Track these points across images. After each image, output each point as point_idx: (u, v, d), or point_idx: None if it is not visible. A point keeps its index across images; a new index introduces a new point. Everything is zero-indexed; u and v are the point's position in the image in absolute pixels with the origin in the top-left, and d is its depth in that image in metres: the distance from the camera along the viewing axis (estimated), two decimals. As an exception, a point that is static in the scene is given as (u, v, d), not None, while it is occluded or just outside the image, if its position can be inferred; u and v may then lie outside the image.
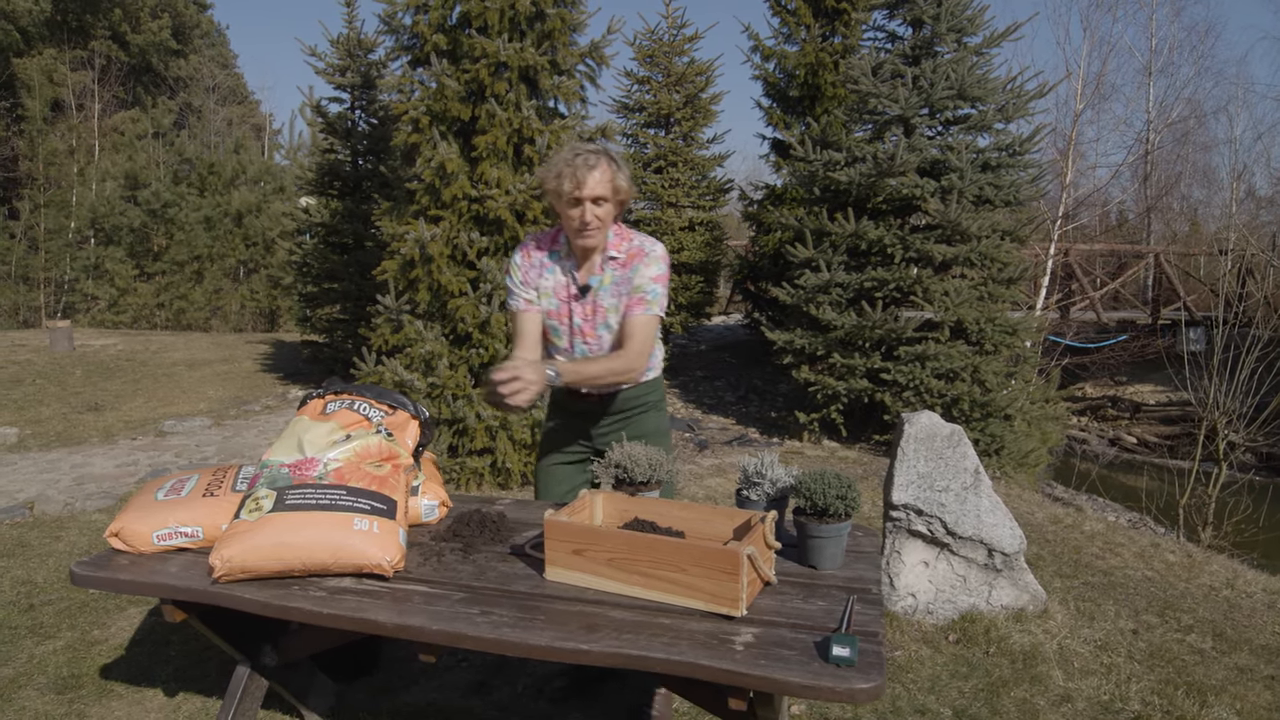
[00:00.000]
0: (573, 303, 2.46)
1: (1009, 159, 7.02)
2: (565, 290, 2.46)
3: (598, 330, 2.47)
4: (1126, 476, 11.87)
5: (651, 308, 2.38)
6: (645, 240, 2.44)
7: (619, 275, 2.41)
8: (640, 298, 2.38)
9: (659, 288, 2.40)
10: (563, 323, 2.50)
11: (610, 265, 2.42)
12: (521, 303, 2.50)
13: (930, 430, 3.66)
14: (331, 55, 8.81)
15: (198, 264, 17.72)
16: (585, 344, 2.50)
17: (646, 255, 2.40)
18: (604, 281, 2.43)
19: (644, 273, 2.38)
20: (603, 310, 2.44)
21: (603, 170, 2.28)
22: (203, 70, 27.35)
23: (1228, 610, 4.31)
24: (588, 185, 2.27)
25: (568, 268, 2.46)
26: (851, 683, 1.53)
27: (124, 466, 6.01)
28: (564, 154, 2.32)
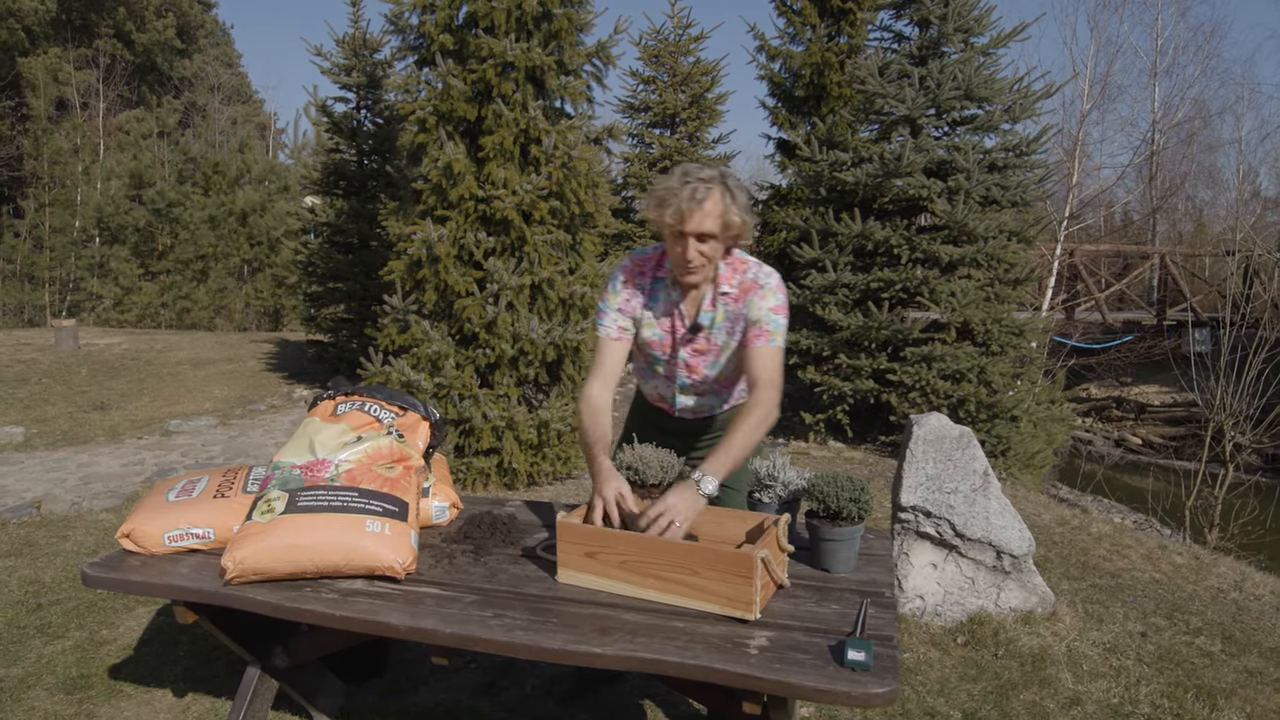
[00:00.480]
0: (680, 339, 2.30)
1: (1016, 159, 7.01)
2: (670, 323, 2.29)
3: (705, 369, 2.33)
4: (1131, 477, 11.84)
5: (775, 339, 2.20)
6: (759, 271, 2.24)
7: (732, 310, 2.24)
8: (762, 329, 2.19)
9: (780, 319, 2.22)
10: (665, 353, 2.34)
11: (723, 300, 2.23)
12: (614, 330, 2.31)
13: (939, 432, 3.65)
14: (337, 55, 8.81)
15: (202, 263, 17.75)
16: (690, 378, 2.36)
17: (762, 288, 2.21)
18: (716, 319, 2.25)
19: (761, 305, 2.20)
20: (717, 348, 2.29)
21: (713, 203, 2.05)
22: (207, 70, 27.39)
23: (1236, 613, 4.30)
24: (693, 220, 2.05)
25: (674, 298, 2.27)
26: (867, 687, 1.52)
27: (130, 466, 6.01)
28: (673, 179, 2.09)
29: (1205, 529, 7.91)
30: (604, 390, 2.27)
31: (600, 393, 2.26)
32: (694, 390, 2.39)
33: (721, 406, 2.46)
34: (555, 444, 5.37)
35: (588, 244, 5.65)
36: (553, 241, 5.30)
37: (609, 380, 2.29)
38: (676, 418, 2.45)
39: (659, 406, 2.50)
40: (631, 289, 2.31)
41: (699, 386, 2.37)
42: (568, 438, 5.40)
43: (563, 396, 5.43)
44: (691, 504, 1.93)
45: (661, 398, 2.47)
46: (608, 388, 2.28)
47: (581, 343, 5.32)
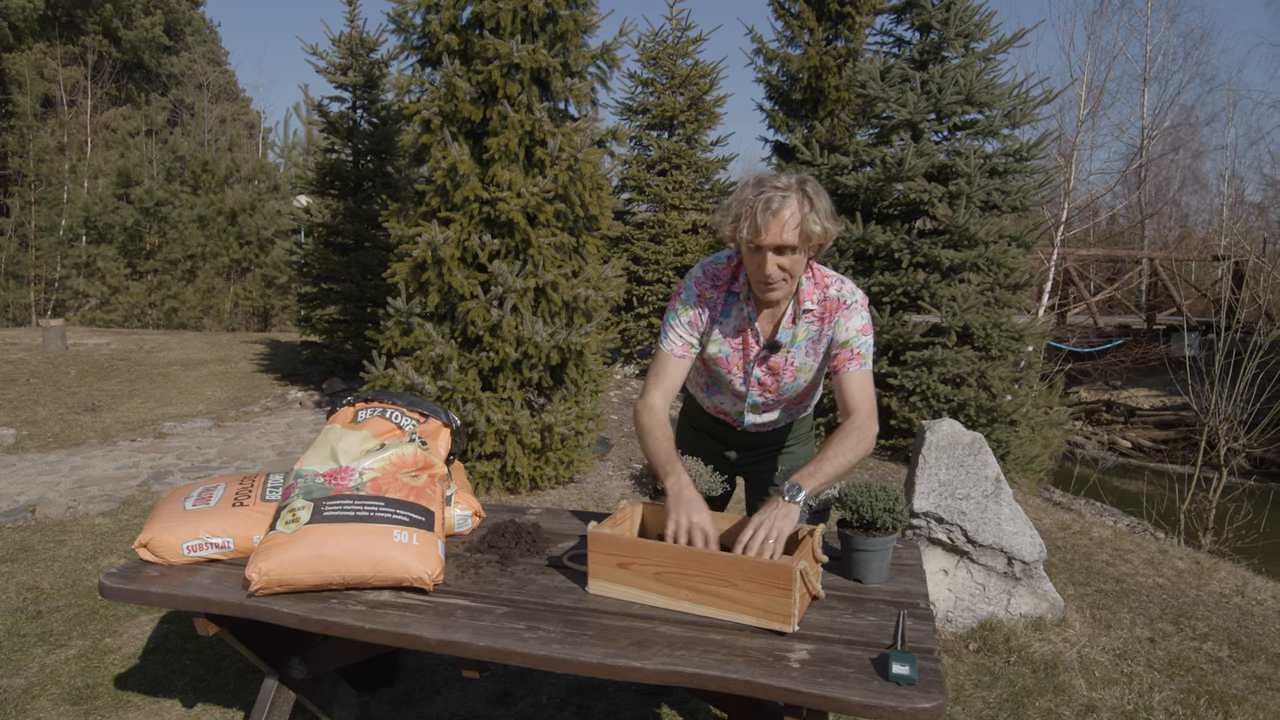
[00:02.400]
0: (755, 358, 2.19)
1: (1016, 165, 7.03)
2: (743, 339, 2.18)
3: (782, 389, 2.23)
4: (1122, 481, 11.92)
5: (866, 363, 2.11)
6: (843, 288, 2.13)
7: (814, 330, 2.13)
8: (854, 353, 2.10)
9: (869, 340, 2.12)
10: (736, 373, 2.23)
11: (805, 319, 2.12)
12: (679, 347, 2.19)
13: (952, 438, 3.64)
14: (333, 54, 8.74)
15: (191, 263, 17.59)
16: (763, 396, 2.26)
17: (848, 306, 2.11)
18: (796, 337, 2.14)
19: (849, 325, 2.10)
20: (793, 369, 2.19)
21: (791, 212, 1.91)
22: (195, 67, 27.18)
23: (1240, 618, 4.31)
24: (770, 233, 1.92)
25: (748, 313, 2.14)
26: (914, 702, 1.50)
27: (125, 469, 5.93)
28: (747, 189, 1.98)
29: (1200, 533, 7.97)
30: (665, 403, 2.17)
31: (663, 405, 2.16)
32: (764, 408, 2.30)
33: (788, 420, 2.40)
34: (558, 448, 5.34)
35: (591, 247, 5.62)
36: (557, 244, 5.26)
37: (670, 394, 2.18)
38: (739, 431, 2.38)
39: (718, 418, 2.42)
40: (702, 304, 2.17)
41: (770, 405, 2.28)
42: (571, 442, 5.37)
43: (566, 400, 5.39)
44: (787, 516, 1.85)
45: (725, 413, 2.39)
46: (668, 401, 2.18)
47: (585, 346, 5.29)
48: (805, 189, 1.95)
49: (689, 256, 9.45)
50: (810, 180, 2.00)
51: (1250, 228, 21.09)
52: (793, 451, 2.45)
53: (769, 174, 2.00)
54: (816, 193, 1.97)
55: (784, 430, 2.43)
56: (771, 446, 2.42)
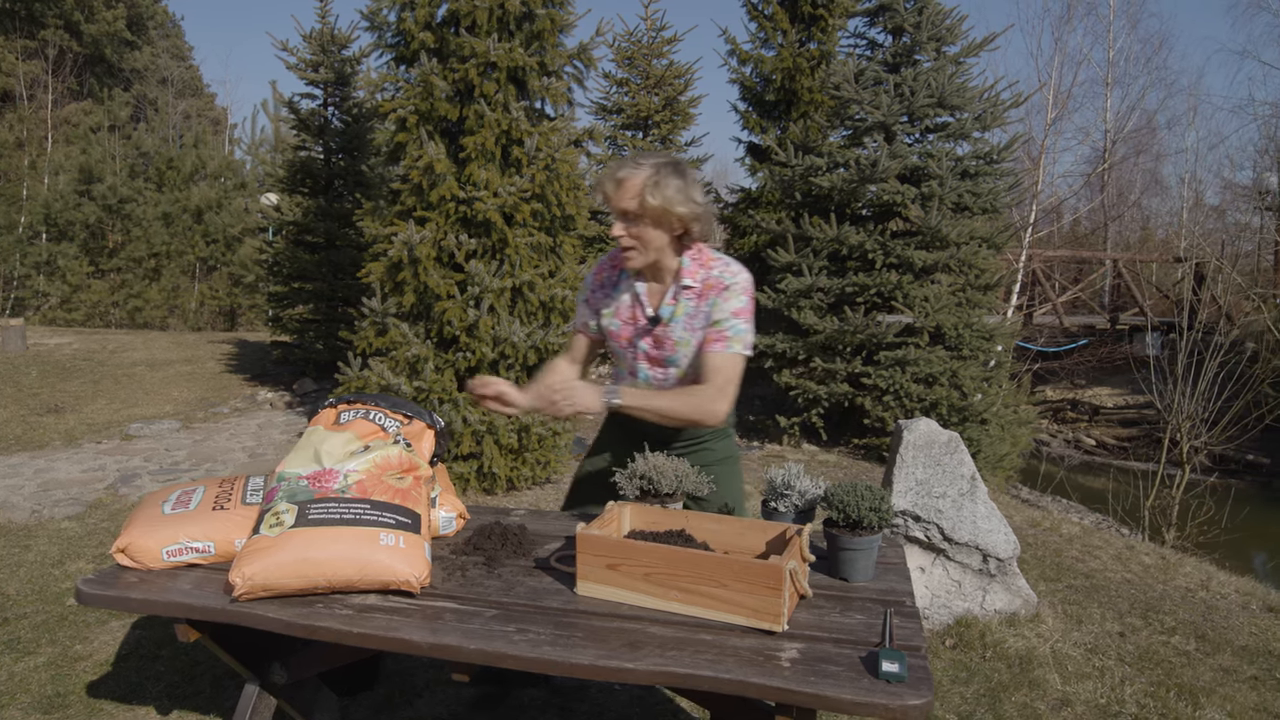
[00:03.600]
0: (639, 331, 2.30)
1: (986, 167, 7.13)
2: (632, 314, 2.31)
3: (665, 364, 2.31)
4: (1086, 478, 12.15)
5: (733, 345, 2.17)
6: (726, 269, 2.21)
7: (693, 307, 2.22)
8: (720, 334, 2.17)
9: (741, 323, 2.18)
10: (626, 348, 2.34)
11: (684, 295, 2.22)
12: (579, 323, 2.42)
13: (929, 437, 3.69)
14: (304, 50, 8.62)
15: (155, 261, 17.25)
16: (652, 370, 2.34)
17: (727, 288, 2.18)
18: (676, 313, 2.23)
19: (724, 306, 2.18)
20: (672, 342, 2.26)
21: (633, 182, 2.09)
22: (158, 62, 26.66)
23: (1206, 612, 4.42)
24: (614, 198, 2.13)
25: (637, 289, 2.28)
26: (904, 699, 1.52)
27: (91, 471, 5.81)
28: (618, 161, 2.20)
29: (1163, 529, 8.15)
30: (569, 365, 2.42)
31: (563, 363, 2.42)
32: (656, 383, 2.37)
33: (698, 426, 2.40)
34: (535, 448, 5.32)
35: (567, 247, 5.61)
36: (534, 244, 5.25)
37: (575, 361, 2.43)
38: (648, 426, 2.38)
39: None
40: (599, 282, 2.39)
41: (661, 385, 2.35)
42: (548, 442, 5.35)
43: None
44: (589, 399, 2.11)
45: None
46: (570, 364, 2.43)
47: (563, 346, 5.27)
48: (661, 167, 2.11)
49: (664, 256, 9.46)
50: (677, 164, 2.15)
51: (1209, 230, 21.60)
52: (710, 447, 2.45)
53: (647, 153, 2.20)
54: (674, 174, 2.11)
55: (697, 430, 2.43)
56: (692, 440, 2.42)
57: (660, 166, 2.12)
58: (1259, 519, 9.86)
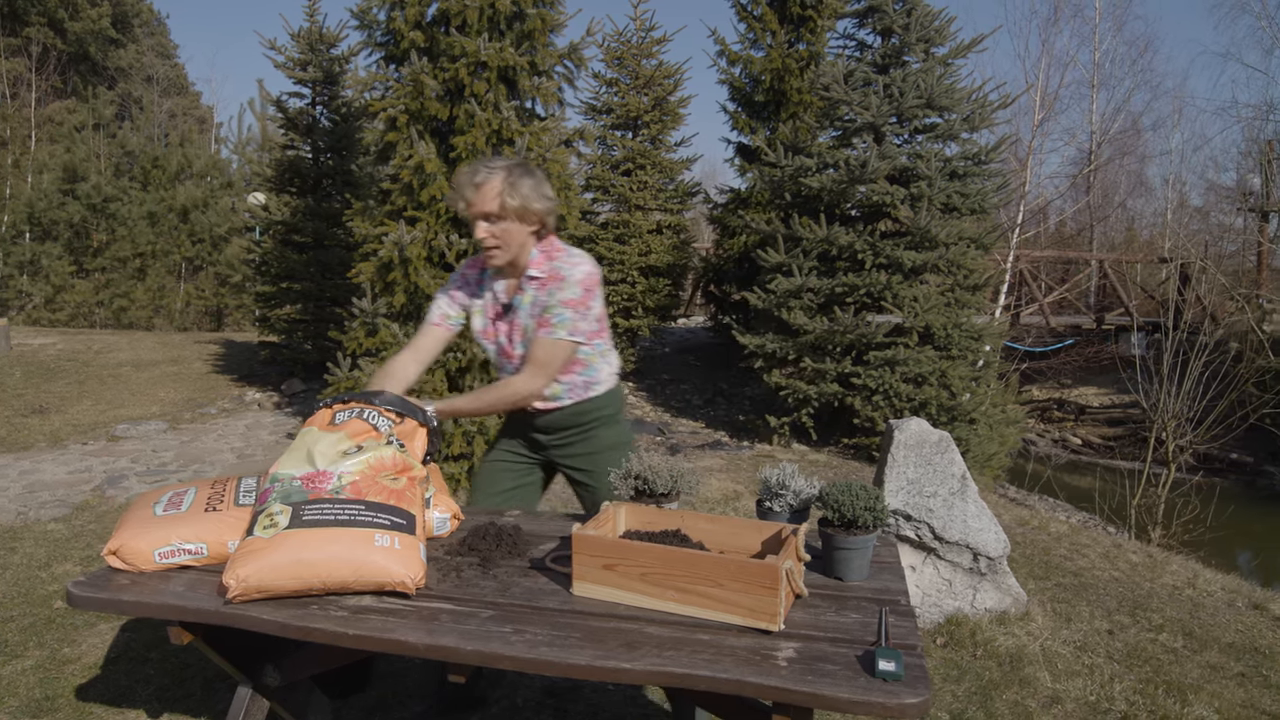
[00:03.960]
0: (498, 322, 2.45)
1: (975, 168, 7.17)
2: (493, 308, 2.45)
3: (517, 350, 2.44)
4: (1072, 476, 12.24)
5: (556, 331, 2.33)
6: (567, 262, 2.35)
7: (537, 297, 2.36)
8: (546, 320, 2.33)
9: (568, 313, 2.33)
10: (491, 341, 2.48)
11: (530, 285, 2.37)
12: (436, 315, 2.48)
13: (920, 437, 3.71)
14: (292, 49, 8.58)
15: (140, 261, 17.10)
16: (511, 364, 2.46)
17: (563, 280, 2.33)
18: (524, 302, 2.39)
19: (557, 296, 2.32)
20: (520, 329, 2.41)
21: (492, 185, 2.23)
22: (143, 60, 26.45)
23: (1192, 609, 4.46)
24: (475, 202, 2.25)
25: (495, 285, 2.44)
26: (901, 697, 1.53)
27: (77, 473, 5.76)
28: (468, 169, 2.30)
29: (1149, 527, 8.22)
30: (409, 360, 2.41)
31: (403, 361, 2.41)
32: None
33: (565, 396, 2.48)
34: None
35: (558, 247, 5.59)
36: (524, 244, 5.23)
37: (418, 355, 2.43)
38: (531, 413, 2.52)
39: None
40: (464, 280, 2.48)
41: (488, 386, 2.45)
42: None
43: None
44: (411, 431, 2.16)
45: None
46: (414, 360, 2.41)
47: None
48: (513, 169, 2.26)
49: (653, 257, 9.48)
50: (525, 165, 2.32)
51: (1193, 231, 21.80)
52: (596, 434, 2.55)
53: (495, 158, 2.31)
54: (525, 174, 2.28)
55: (577, 412, 2.52)
56: (572, 428, 2.54)
57: (511, 168, 2.27)
58: (1243, 517, 9.96)
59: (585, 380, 2.51)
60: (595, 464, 2.57)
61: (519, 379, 2.36)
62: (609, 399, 2.58)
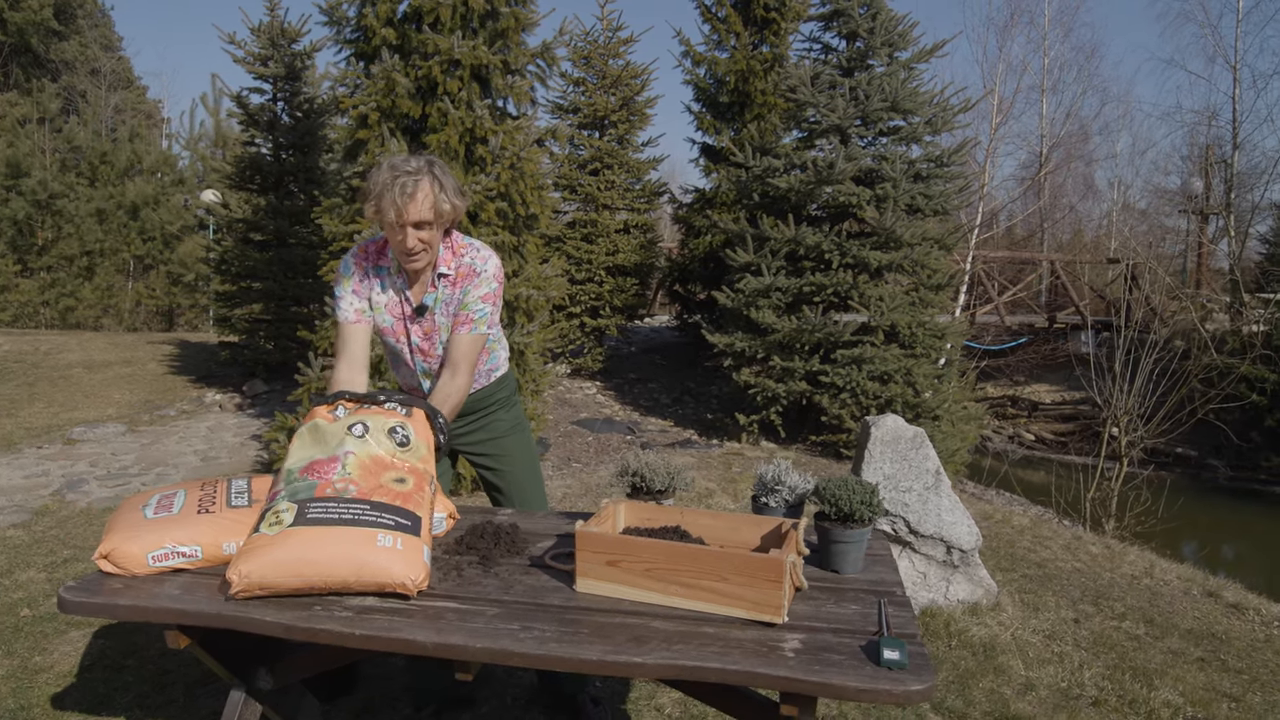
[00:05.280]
0: (409, 322, 2.40)
1: (937, 170, 7.32)
2: (399, 308, 2.40)
3: (437, 349, 2.42)
4: (1026, 472, 12.55)
5: (478, 327, 2.35)
6: (478, 257, 2.35)
7: (449, 294, 2.36)
8: (467, 317, 2.34)
9: (487, 307, 2.35)
10: (400, 342, 2.44)
11: (442, 282, 2.35)
12: (351, 313, 2.38)
13: (895, 433, 3.79)
14: (252, 44, 8.41)
15: (88, 259, 16.61)
16: (426, 362, 2.46)
17: (478, 275, 2.33)
18: (438, 299, 2.37)
19: (473, 293, 2.33)
20: (439, 328, 2.39)
21: (424, 193, 2.16)
22: (88, 52, 25.66)
23: (1151, 598, 4.63)
24: (409, 212, 2.16)
25: (399, 285, 2.37)
26: (907, 685, 1.57)
27: (34, 478, 5.58)
28: (383, 175, 2.18)
29: (1103, 520, 8.47)
30: (353, 373, 2.34)
31: (347, 374, 2.33)
32: (435, 374, 2.47)
33: (472, 386, 2.49)
34: (501, 448, 5.28)
35: (530, 246, 5.59)
36: (498, 243, 5.22)
37: (355, 363, 2.35)
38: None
39: (412, 392, 2.56)
40: (361, 273, 2.38)
41: (438, 370, 2.44)
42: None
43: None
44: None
45: (411, 387, 2.57)
46: (356, 370, 2.34)
47: (528, 346, 5.26)
48: (434, 170, 2.20)
49: (621, 256, 9.49)
50: (437, 162, 2.25)
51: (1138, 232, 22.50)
52: (496, 416, 2.60)
53: (400, 159, 2.21)
54: (444, 173, 2.23)
55: (478, 398, 2.55)
56: (472, 414, 2.56)
57: (431, 169, 2.20)
58: (1190, 509, 10.31)
59: (488, 368, 2.56)
60: (500, 448, 2.62)
61: (459, 380, 2.33)
62: (505, 382, 2.64)
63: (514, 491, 2.66)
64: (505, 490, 2.66)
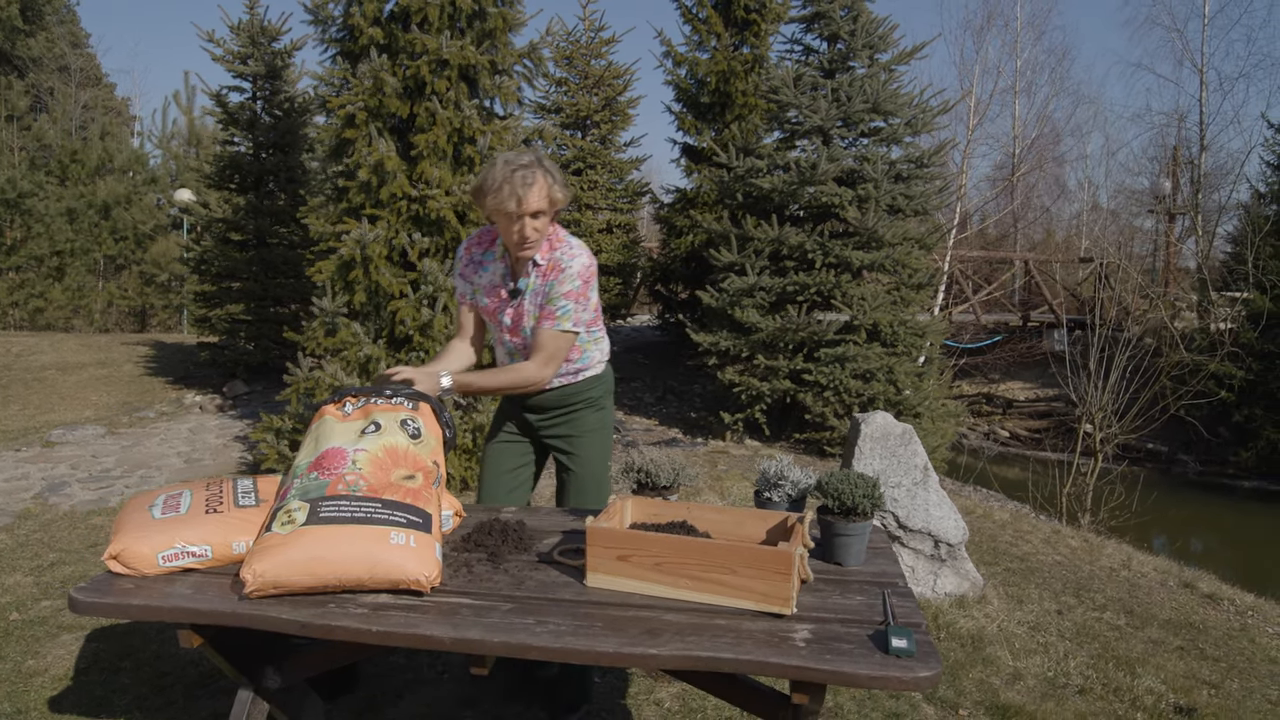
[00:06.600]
0: (505, 303, 2.53)
1: (917, 171, 7.42)
2: (499, 290, 2.53)
3: (523, 331, 2.53)
4: (1001, 469, 12.75)
5: (561, 323, 2.43)
6: (567, 253, 2.44)
7: (538, 284, 2.46)
8: (550, 312, 2.43)
9: (570, 304, 2.43)
10: (494, 320, 2.58)
11: (535, 271, 2.46)
12: (462, 295, 2.63)
13: (885, 430, 3.85)
14: (231, 42, 8.34)
15: (59, 259, 16.33)
16: (513, 343, 2.56)
17: (562, 272, 2.42)
18: (530, 286, 2.48)
19: (558, 289, 2.42)
20: (526, 314, 2.50)
21: (539, 185, 2.30)
22: (56, 50, 25.20)
23: (1130, 589, 4.74)
24: (527, 202, 2.28)
25: (501, 270, 2.52)
26: (916, 671, 1.62)
27: (14, 481, 5.50)
28: (498, 169, 2.31)
29: (1079, 514, 8.63)
30: (462, 342, 2.60)
31: (457, 344, 2.60)
32: (521, 357, 2.56)
33: (554, 380, 2.57)
34: (489, 448, 5.30)
35: (518, 246, 5.59)
36: (486, 243, 5.22)
37: (466, 336, 2.62)
38: (521, 395, 2.60)
39: None
40: (469, 258, 2.58)
41: (526, 354, 2.53)
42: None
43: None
44: (432, 385, 2.31)
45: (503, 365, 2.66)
46: (464, 340, 2.61)
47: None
48: (544, 164, 2.36)
49: (604, 256, 9.52)
50: (544, 156, 2.41)
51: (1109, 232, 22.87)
52: (581, 415, 2.65)
53: (512, 155, 2.37)
54: (552, 165, 2.39)
55: (564, 394, 2.62)
56: (558, 409, 2.63)
57: (541, 162, 2.35)
58: (1161, 503, 10.53)
59: (577, 366, 2.60)
60: (576, 446, 2.66)
61: (530, 366, 2.45)
62: (596, 383, 2.67)
63: (575, 490, 2.70)
64: (567, 485, 2.71)
